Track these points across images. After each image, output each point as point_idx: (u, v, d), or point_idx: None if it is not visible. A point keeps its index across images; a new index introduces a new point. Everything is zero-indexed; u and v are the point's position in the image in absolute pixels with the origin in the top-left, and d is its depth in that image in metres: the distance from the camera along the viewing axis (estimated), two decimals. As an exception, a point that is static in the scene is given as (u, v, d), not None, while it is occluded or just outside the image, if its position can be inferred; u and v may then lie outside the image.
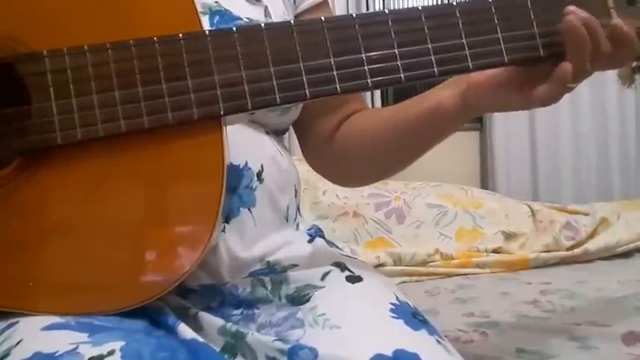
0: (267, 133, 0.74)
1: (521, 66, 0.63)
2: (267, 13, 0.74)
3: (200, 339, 0.59)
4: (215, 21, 0.69)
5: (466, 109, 0.68)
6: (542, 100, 0.63)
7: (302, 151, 0.85)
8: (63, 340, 0.52)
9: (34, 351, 0.50)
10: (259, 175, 0.68)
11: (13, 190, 0.56)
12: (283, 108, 0.74)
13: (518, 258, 1.83)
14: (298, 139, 0.85)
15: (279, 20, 0.76)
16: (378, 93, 2.73)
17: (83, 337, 0.53)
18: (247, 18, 0.71)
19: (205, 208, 0.57)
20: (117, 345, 0.52)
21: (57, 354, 0.50)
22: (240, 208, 0.67)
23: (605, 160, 2.80)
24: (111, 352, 0.51)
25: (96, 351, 0.51)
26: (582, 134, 2.80)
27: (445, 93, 0.69)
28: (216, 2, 0.70)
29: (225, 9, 0.70)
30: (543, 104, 0.64)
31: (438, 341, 0.62)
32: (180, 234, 0.58)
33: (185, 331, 0.60)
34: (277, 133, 0.78)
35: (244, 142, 0.64)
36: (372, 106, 2.66)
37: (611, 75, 0.72)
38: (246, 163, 0.67)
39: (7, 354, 0.51)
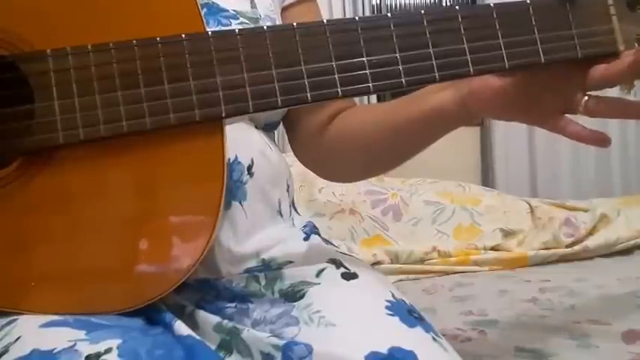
0: (257, 127, 0.75)
1: (522, 71, 0.64)
2: (253, 5, 0.75)
3: (196, 336, 0.61)
4: (202, 13, 0.70)
5: (468, 115, 0.69)
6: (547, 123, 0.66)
7: (290, 145, 0.86)
8: (61, 338, 0.53)
9: (32, 348, 0.52)
10: (249, 169, 0.70)
11: (14, 189, 0.57)
12: None
13: (517, 255, 1.85)
14: (287, 133, 0.86)
15: (265, 12, 0.77)
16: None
17: (81, 334, 0.54)
18: (234, 10, 0.72)
19: (206, 208, 0.59)
20: (114, 343, 0.53)
21: (55, 351, 0.51)
22: (232, 202, 0.68)
23: (605, 155, 2.81)
24: (108, 350, 0.52)
25: (93, 348, 0.52)
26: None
27: (446, 96, 0.69)
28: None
29: (212, 1, 0.71)
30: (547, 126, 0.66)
31: (434, 339, 0.63)
32: (182, 234, 0.60)
33: (181, 328, 0.61)
34: (267, 129, 0.79)
35: (234, 137, 0.65)
36: (368, 102, 2.66)
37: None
38: (236, 158, 0.68)
39: (5, 350, 0.53)
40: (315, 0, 0.86)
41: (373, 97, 2.70)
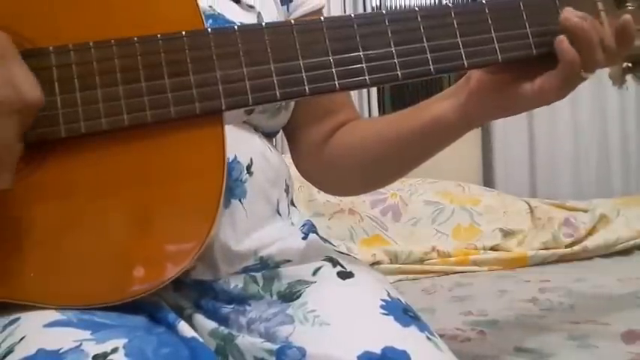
0: (257, 131, 0.77)
1: (515, 64, 0.66)
2: (259, 20, 0.77)
3: (199, 339, 0.62)
4: (208, 24, 0.71)
5: (468, 121, 0.71)
6: (551, 92, 0.65)
7: (292, 157, 0.87)
8: (66, 338, 0.54)
9: (37, 348, 0.52)
10: (249, 168, 0.71)
11: (15, 182, 0.57)
12: (272, 111, 0.76)
13: (517, 255, 1.86)
14: (288, 144, 0.87)
15: None
16: (375, 99, 2.73)
17: (86, 334, 0.55)
18: (240, 23, 0.73)
19: (206, 202, 0.60)
20: (120, 342, 0.54)
21: (61, 351, 0.52)
22: (231, 200, 0.69)
23: (605, 155, 2.82)
24: (114, 350, 0.53)
25: (100, 348, 0.53)
26: (582, 129, 2.81)
27: (445, 105, 0.71)
28: (210, 7, 0.72)
29: (219, 13, 0.73)
30: (552, 96, 0.66)
31: (429, 338, 0.64)
32: (180, 228, 0.61)
33: (185, 329, 0.62)
34: (267, 135, 0.80)
35: (234, 138, 0.67)
36: (369, 110, 2.67)
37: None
38: (236, 157, 0.70)
39: (10, 350, 0.53)
40: (322, 14, 0.87)
41: (373, 101, 2.72)
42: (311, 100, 0.80)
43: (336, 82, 0.61)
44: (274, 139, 0.84)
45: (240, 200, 0.70)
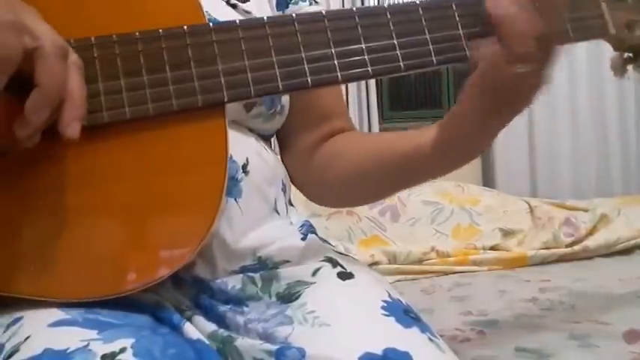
0: (252, 132, 0.77)
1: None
2: None
3: (205, 341, 0.62)
4: None
5: (445, 142, 0.69)
6: (476, 95, 0.64)
7: (282, 162, 0.86)
8: (73, 337, 0.53)
9: (44, 347, 0.52)
10: (244, 167, 0.71)
11: (13, 174, 0.57)
12: (267, 115, 0.77)
13: (517, 255, 1.87)
14: (280, 149, 0.87)
15: None
16: (373, 98, 2.73)
17: (93, 333, 0.54)
18: None
19: (208, 194, 0.61)
20: (127, 342, 0.54)
21: (68, 351, 0.52)
22: (227, 199, 0.69)
23: (605, 155, 2.84)
24: (123, 350, 0.53)
25: (108, 348, 0.53)
26: (581, 128, 2.83)
27: (433, 129, 0.70)
28: (207, 12, 0.71)
29: (214, 18, 0.73)
30: (479, 101, 0.65)
31: (430, 339, 0.64)
32: (183, 220, 0.61)
33: (190, 330, 0.63)
34: (263, 137, 0.80)
35: (230, 138, 0.66)
36: (367, 106, 2.67)
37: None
38: (231, 157, 0.69)
39: (16, 349, 0.53)
40: None
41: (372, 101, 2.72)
42: (307, 103, 0.81)
43: (339, 74, 0.62)
44: (270, 141, 0.85)
45: (235, 199, 0.70)
